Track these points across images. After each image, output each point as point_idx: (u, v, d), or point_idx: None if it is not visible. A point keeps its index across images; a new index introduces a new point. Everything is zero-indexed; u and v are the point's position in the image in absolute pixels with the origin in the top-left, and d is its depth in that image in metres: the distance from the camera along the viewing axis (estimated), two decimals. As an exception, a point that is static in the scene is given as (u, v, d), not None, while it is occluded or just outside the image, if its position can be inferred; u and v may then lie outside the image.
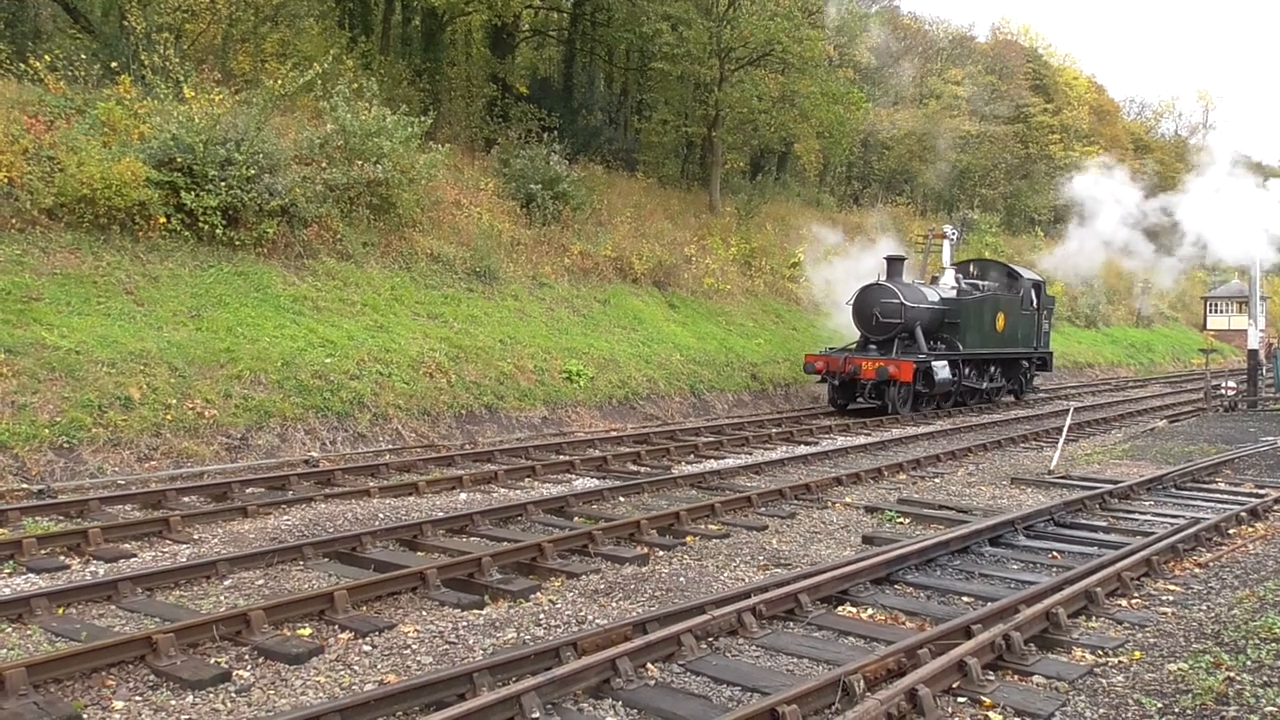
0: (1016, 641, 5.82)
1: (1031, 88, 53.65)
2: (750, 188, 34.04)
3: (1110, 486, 11.39)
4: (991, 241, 39.29)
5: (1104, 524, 9.91)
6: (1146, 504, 11.08)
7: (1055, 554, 8.62)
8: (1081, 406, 23.09)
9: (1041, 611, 6.29)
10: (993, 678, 5.54)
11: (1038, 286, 24.65)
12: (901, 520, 10.09)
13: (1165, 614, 6.77)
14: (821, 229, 30.50)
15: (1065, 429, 16.02)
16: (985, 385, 22.81)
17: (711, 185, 31.06)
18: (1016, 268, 24.88)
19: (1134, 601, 7.13)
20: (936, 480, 12.71)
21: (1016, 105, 51.19)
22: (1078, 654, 6.00)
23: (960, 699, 5.29)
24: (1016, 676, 5.61)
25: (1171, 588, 7.49)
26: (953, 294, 22.23)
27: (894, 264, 21.49)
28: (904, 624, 6.67)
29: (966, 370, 21.80)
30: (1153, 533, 9.10)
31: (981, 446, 15.82)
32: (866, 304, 20.74)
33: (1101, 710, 5.10)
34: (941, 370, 19.99)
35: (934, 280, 23.39)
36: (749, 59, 27.88)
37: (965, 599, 7.26)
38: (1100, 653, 5.96)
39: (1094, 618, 6.69)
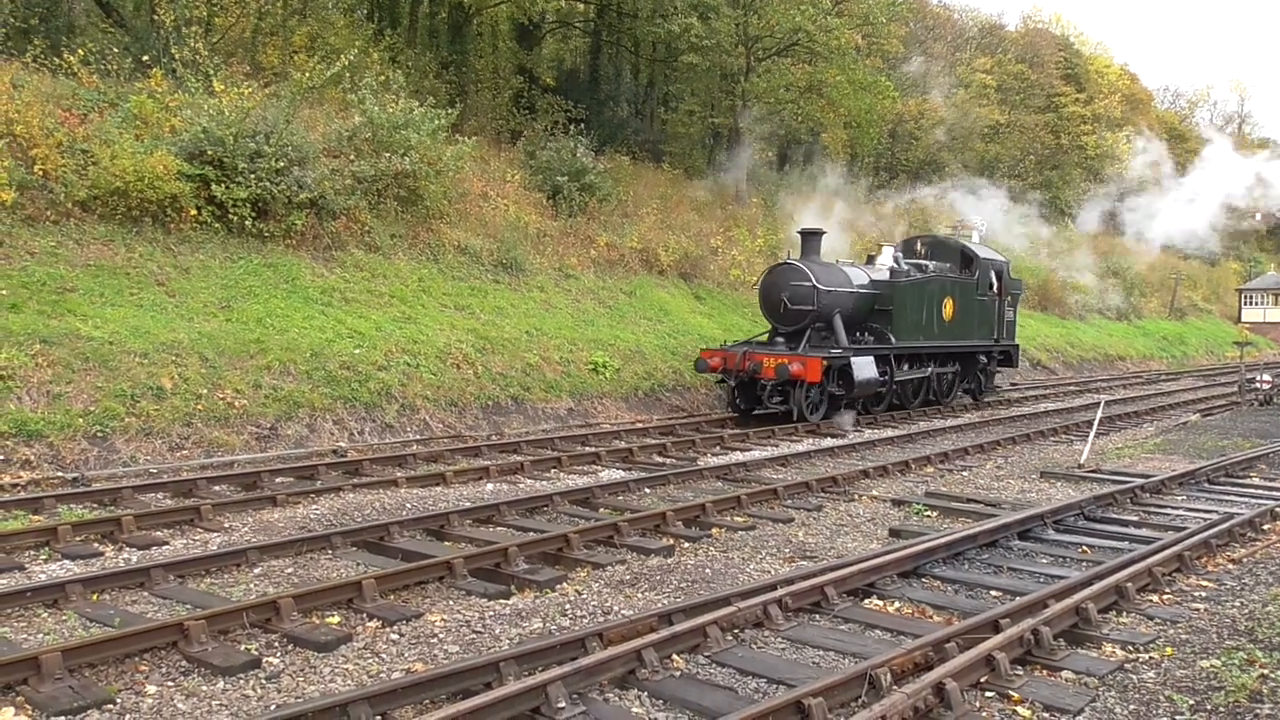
0: (1045, 636, 5.77)
1: (1063, 77, 52.97)
2: (777, 178, 33.87)
3: (1141, 481, 11.23)
4: (1021, 233, 38.84)
5: (1135, 519, 9.79)
6: (1179, 499, 10.93)
7: (1085, 548, 8.54)
8: (1112, 400, 22.80)
9: (1071, 606, 6.23)
10: (1021, 673, 5.49)
11: (999, 269, 21.09)
12: (929, 513, 10.02)
13: (1198, 610, 6.68)
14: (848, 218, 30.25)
15: (1095, 423, 15.82)
16: (927, 385, 19.54)
17: (738, 176, 30.95)
18: (973, 247, 21.08)
19: (1166, 597, 7.04)
20: (964, 474, 12.60)
21: (1047, 95, 50.60)
22: (1108, 650, 5.93)
23: (988, 694, 5.25)
24: (1045, 672, 5.56)
25: (1204, 584, 7.39)
26: (885, 276, 18.41)
27: (809, 239, 17.69)
28: (931, 618, 6.63)
29: (903, 367, 18.40)
30: (1185, 528, 8.98)
31: (1010, 440, 15.69)
32: (774, 288, 17.26)
33: (1132, 707, 5.04)
34: (864, 368, 16.47)
35: (869, 260, 19.89)
36: (776, 49, 27.74)
37: (993, 593, 7.21)
38: (1131, 649, 5.89)
39: (1125, 613, 6.62)
